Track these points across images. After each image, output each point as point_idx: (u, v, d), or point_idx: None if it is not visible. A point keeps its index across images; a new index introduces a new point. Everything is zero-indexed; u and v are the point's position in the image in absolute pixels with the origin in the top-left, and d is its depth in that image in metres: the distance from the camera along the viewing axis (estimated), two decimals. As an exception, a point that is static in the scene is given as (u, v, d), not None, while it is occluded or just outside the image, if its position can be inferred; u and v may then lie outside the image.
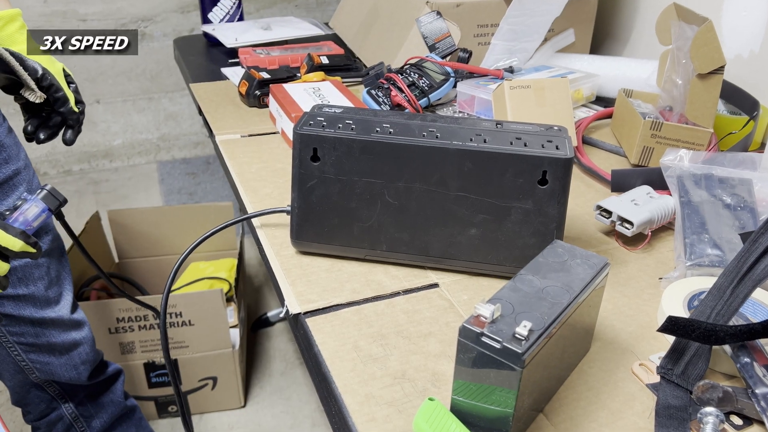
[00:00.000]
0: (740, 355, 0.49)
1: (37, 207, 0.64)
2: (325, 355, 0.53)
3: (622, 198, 0.70)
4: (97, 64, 1.79)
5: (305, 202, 0.62)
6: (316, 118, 0.61)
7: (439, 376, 0.51)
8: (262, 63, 1.13)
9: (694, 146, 0.81)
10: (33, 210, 0.64)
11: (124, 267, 1.61)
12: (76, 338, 0.93)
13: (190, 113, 1.95)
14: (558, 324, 0.43)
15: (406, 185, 0.59)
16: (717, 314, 0.51)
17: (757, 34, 0.94)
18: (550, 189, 0.57)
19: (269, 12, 1.89)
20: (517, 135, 0.59)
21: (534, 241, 0.59)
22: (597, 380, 0.51)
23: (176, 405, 1.40)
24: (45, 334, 0.88)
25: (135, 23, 1.77)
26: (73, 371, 0.93)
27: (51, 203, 0.65)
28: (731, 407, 0.47)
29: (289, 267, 0.64)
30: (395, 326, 0.56)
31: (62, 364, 0.92)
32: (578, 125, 0.93)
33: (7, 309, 0.84)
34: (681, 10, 0.82)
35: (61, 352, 0.91)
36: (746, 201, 0.66)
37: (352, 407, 0.48)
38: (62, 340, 0.91)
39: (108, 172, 1.94)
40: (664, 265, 0.66)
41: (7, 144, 0.80)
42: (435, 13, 1.04)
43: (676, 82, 0.82)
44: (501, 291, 0.46)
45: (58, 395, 0.95)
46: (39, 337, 0.88)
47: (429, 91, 0.95)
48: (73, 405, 0.97)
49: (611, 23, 1.24)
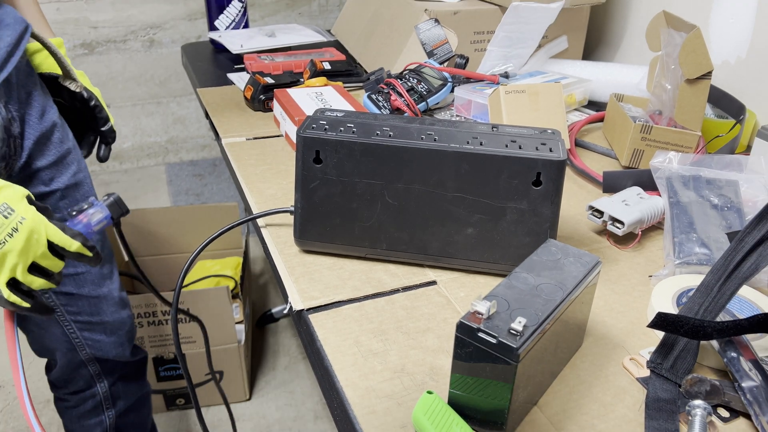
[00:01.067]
0: (727, 350, 0.49)
1: (101, 213, 0.63)
2: (327, 350, 0.53)
3: (613, 199, 0.70)
4: (108, 70, 1.80)
5: (308, 203, 0.62)
6: (318, 122, 0.62)
7: (437, 370, 0.52)
8: (267, 68, 1.14)
9: (683, 149, 0.81)
10: (97, 215, 0.63)
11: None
12: (123, 316, 0.94)
13: (197, 117, 1.96)
14: (551, 320, 0.44)
15: (405, 186, 0.60)
16: (705, 311, 0.51)
17: (744, 40, 0.95)
18: (544, 190, 0.57)
19: (273, 20, 1.90)
20: (512, 138, 0.59)
21: (528, 240, 0.59)
22: (589, 374, 0.51)
23: (184, 398, 1.41)
24: (99, 312, 0.90)
25: (144, 30, 1.78)
26: (119, 348, 0.95)
27: (115, 212, 0.64)
28: (718, 400, 0.48)
29: (293, 265, 0.64)
30: (395, 322, 0.57)
31: (112, 341, 0.93)
32: (571, 128, 0.94)
33: (68, 288, 0.85)
34: (670, 17, 0.83)
35: (112, 330, 0.93)
36: (733, 201, 0.67)
37: (353, 400, 0.48)
38: (113, 318, 0.92)
39: (118, 174, 1.95)
40: (653, 264, 0.66)
41: (60, 124, 0.82)
42: (433, 20, 1.05)
43: (666, 87, 0.83)
44: (497, 288, 0.46)
45: (97, 374, 0.96)
46: (94, 315, 0.89)
47: (427, 95, 0.95)
48: (108, 384, 0.98)
49: (603, 30, 1.25)
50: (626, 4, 1.18)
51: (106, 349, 0.94)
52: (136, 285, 1.59)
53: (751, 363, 0.48)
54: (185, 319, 1.30)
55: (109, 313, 0.91)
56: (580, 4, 1.12)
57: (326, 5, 1.95)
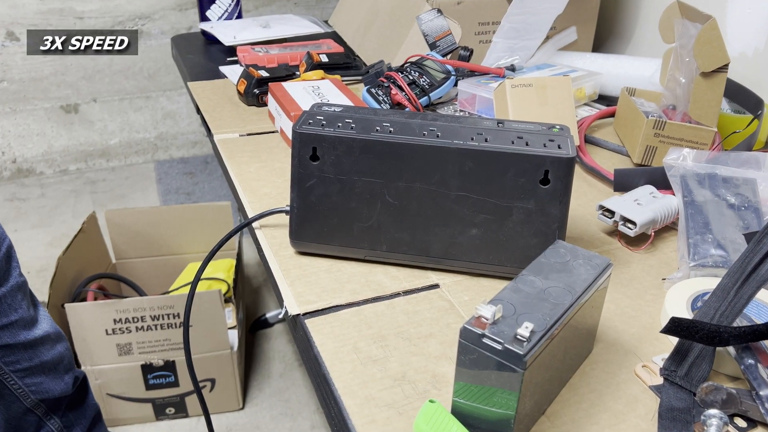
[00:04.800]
0: (744, 356, 0.48)
1: None
2: (324, 356, 0.53)
3: (624, 198, 0.70)
4: (94, 63, 1.79)
5: (304, 202, 0.62)
6: (315, 117, 0.61)
7: (439, 377, 0.51)
8: (261, 61, 1.12)
9: (698, 145, 0.80)
10: None
11: (122, 267, 1.61)
12: (60, 350, 0.95)
13: (188, 112, 1.96)
14: (560, 325, 0.43)
15: (406, 185, 0.59)
16: (721, 315, 0.50)
17: (762, 31, 0.94)
18: (552, 189, 0.57)
19: (268, 10, 1.89)
20: (518, 134, 0.58)
21: (536, 241, 0.59)
22: (599, 382, 0.51)
23: (174, 407, 1.40)
24: (37, 354, 0.90)
25: (132, 21, 1.77)
26: (61, 384, 0.95)
27: None
28: (735, 409, 0.47)
29: (288, 267, 0.64)
30: (395, 327, 0.56)
31: (52, 379, 0.94)
32: (580, 124, 0.93)
33: (3, 340, 0.85)
34: (684, 7, 0.82)
35: (50, 368, 0.93)
36: (750, 201, 0.66)
37: (352, 409, 0.48)
38: (51, 356, 0.93)
39: (105, 172, 1.95)
40: (667, 266, 0.66)
41: None
42: (435, 10, 1.04)
43: (680, 81, 0.82)
44: (502, 292, 0.46)
45: (45, 414, 0.97)
46: (33, 359, 0.90)
47: (430, 89, 0.94)
48: (58, 418, 0.99)
49: (614, 21, 1.24)
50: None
51: (50, 389, 0.94)
52: (123, 288, 1.58)
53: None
54: (175, 324, 1.29)
55: (45, 353, 0.92)
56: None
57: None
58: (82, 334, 1.25)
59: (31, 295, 0.93)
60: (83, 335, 1.25)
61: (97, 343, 1.27)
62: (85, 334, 1.25)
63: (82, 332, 1.25)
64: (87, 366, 1.29)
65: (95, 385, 1.32)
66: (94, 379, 1.31)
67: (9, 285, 0.85)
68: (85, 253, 1.44)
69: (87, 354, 1.28)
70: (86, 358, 1.28)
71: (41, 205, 1.99)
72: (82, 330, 1.25)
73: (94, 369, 1.30)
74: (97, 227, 1.54)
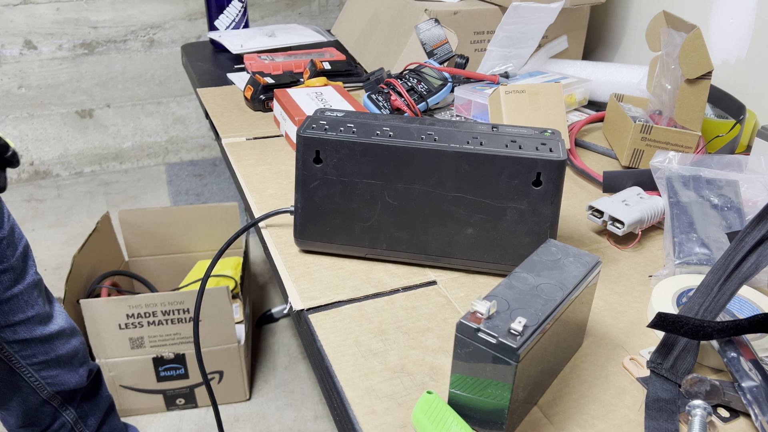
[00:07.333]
0: (727, 350, 0.49)
1: None
2: (327, 349, 0.53)
3: (613, 198, 0.70)
4: (108, 70, 1.80)
5: (308, 203, 0.62)
6: (318, 122, 0.61)
7: (437, 370, 0.51)
8: (267, 68, 1.14)
9: (683, 149, 0.81)
10: None
11: (134, 265, 1.62)
12: (75, 344, 0.96)
13: (197, 117, 1.97)
14: (551, 320, 0.44)
15: (405, 186, 0.60)
16: (705, 311, 0.51)
17: (744, 40, 0.95)
18: (544, 190, 0.57)
19: (273, 20, 1.91)
20: (512, 138, 0.59)
21: (528, 240, 0.59)
22: (589, 374, 0.51)
23: (184, 398, 1.41)
24: (53, 348, 0.91)
25: (144, 30, 1.78)
26: (76, 376, 0.96)
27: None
28: (718, 400, 0.48)
29: (293, 265, 0.64)
30: (395, 322, 0.57)
31: (67, 372, 0.95)
32: (571, 128, 0.94)
33: (20, 335, 0.87)
34: (670, 17, 0.83)
35: (65, 362, 0.94)
36: (733, 201, 0.67)
37: (353, 400, 0.48)
38: (66, 350, 0.94)
39: (118, 174, 1.96)
40: (653, 264, 0.66)
41: None
42: (433, 20, 1.05)
43: (666, 87, 0.83)
44: (497, 288, 0.46)
45: (60, 404, 0.97)
46: (48, 352, 0.91)
47: (427, 95, 0.95)
48: (73, 409, 0.99)
49: (603, 30, 1.25)
50: (626, 4, 1.18)
51: (66, 382, 0.95)
52: (135, 285, 1.59)
53: (751, 363, 0.48)
54: (185, 319, 1.30)
55: (61, 347, 0.93)
56: (580, 4, 1.12)
57: (326, 5, 1.95)
58: (96, 329, 1.26)
59: (47, 291, 0.94)
60: (97, 329, 1.26)
61: (111, 337, 1.28)
62: (99, 328, 1.26)
63: (96, 327, 1.26)
64: (101, 359, 1.30)
65: (109, 377, 1.33)
66: (107, 372, 1.32)
67: (26, 282, 0.86)
68: (99, 251, 1.46)
69: (101, 347, 1.29)
70: (100, 351, 1.29)
71: (57, 206, 1.99)
72: (96, 324, 1.26)
73: (108, 362, 1.31)
74: (111, 227, 1.55)
